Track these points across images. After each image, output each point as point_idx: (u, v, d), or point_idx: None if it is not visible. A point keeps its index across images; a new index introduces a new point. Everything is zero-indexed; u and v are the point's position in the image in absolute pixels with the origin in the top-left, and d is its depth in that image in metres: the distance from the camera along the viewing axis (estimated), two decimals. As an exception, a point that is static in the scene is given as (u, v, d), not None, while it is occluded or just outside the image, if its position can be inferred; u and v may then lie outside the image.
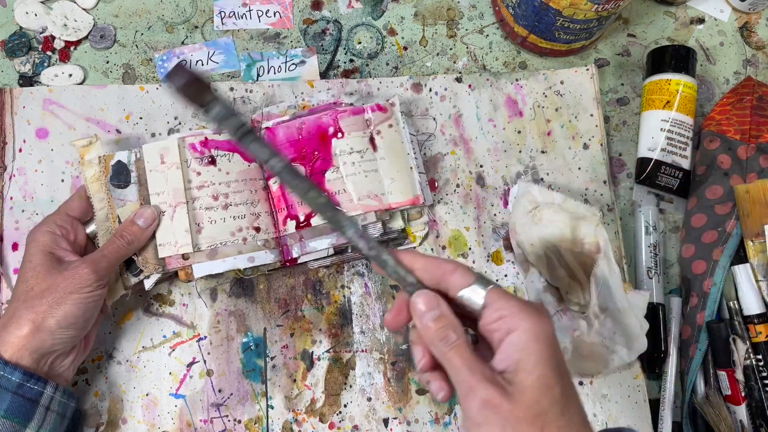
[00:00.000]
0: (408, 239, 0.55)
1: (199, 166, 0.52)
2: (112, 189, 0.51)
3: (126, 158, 0.51)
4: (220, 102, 0.35)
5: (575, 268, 0.54)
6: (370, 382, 0.54)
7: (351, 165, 0.53)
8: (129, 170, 0.51)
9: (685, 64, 0.58)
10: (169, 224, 0.50)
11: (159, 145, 0.51)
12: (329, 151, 0.54)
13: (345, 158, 0.53)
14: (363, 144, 0.54)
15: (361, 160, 0.53)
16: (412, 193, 0.54)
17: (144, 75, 0.59)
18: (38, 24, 0.59)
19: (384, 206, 0.53)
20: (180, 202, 0.50)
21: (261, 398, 0.53)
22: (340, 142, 0.53)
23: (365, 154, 0.54)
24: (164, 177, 0.51)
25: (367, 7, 0.62)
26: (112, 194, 0.51)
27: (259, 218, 0.52)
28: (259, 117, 0.56)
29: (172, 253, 0.50)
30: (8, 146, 0.56)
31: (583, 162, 0.59)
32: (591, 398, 0.54)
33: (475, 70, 0.61)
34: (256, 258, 0.52)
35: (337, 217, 0.37)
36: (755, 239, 0.52)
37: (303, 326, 0.54)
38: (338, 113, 0.54)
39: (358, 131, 0.54)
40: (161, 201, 0.51)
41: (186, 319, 0.54)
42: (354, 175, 0.53)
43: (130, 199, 0.51)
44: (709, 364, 0.53)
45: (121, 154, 0.51)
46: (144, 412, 0.52)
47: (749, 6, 0.63)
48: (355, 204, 0.53)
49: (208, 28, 0.60)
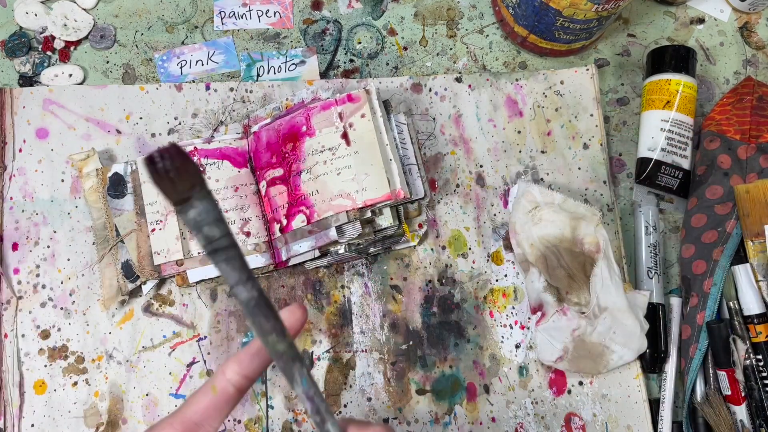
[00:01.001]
0: (405, 237, 0.55)
1: None
2: (109, 199, 0.53)
3: (123, 170, 0.54)
4: (205, 200, 0.28)
5: (575, 268, 0.54)
6: (370, 382, 0.54)
7: (323, 164, 0.52)
8: (126, 181, 0.53)
9: (685, 64, 0.58)
10: (161, 233, 0.52)
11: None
12: (302, 150, 0.53)
13: (317, 157, 0.52)
14: (334, 140, 0.52)
15: (332, 158, 0.52)
16: (388, 187, 0.51)
17: (144, 75, 0.59)
18: (38, 24, 0.59)
19: (356, 205, 0.51)
20: (171, 211, 0.52)
21: (261, 398, 0.53)
22: (312, 141, 0.52)
23: (337, 151, 0.52)
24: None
25: (367, 7, 0.62)
26: (109, 204, 0.53)
27: (249, 223, 0.53)
28: (249, 120, 0.56)
29: (165, 260, 0.52)
30: (8, 146, 0.56)
31: (583, 162, 0.59)
32: (591, 398, 0.54)
33: (475, 70, 0.61)
34: (249, 262, 0.51)
35: (291, 370, 0.32)
36: (755, 239, 0.52)
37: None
38: (309, 110, 0.53)
39: (329, 127, 0.52)
40: (154, 210, 0.53)
41: (186, 319, 0.54)
42: (325, 174, 0.52)
43: (126, 209, 0.53)
44: (709, 364, 0.53)
45: (117, 167, 0.54)
46: (144, 412, 0.52)
47: (749, 6, 0.63)
48: (327, 205, 0.51)
49: (208, 28, 0.60)
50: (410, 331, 0.55)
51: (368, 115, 0.52)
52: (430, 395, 0.54)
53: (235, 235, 0.52)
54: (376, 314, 0.55)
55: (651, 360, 0.54)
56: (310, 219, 0.52)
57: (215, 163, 0.54)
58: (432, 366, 0.54)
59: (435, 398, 0.54)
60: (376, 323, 0.55)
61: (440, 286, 0.56)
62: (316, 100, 0.55)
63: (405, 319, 0.55)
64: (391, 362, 0.54)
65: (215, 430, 0.35)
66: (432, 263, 0.56)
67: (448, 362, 0.54)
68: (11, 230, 0.54)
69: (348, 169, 0.52)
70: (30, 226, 0.55)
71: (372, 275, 0.56)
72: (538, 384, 0.54)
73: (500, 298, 0.56)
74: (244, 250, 0.52)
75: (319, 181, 0.52)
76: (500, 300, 0.56)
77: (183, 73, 0.59)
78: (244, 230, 0.53)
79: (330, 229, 0.52)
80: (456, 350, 0.55)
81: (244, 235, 0.53)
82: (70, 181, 0.56)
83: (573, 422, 0.54)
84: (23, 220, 0.55)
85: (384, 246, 0.55)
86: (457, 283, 0.56)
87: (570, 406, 0.54)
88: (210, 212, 0.29)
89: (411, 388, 0.54)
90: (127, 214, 0.53)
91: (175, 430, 0.34)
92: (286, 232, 0.53)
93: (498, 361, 0.55)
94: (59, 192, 0.55)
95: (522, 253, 0.55)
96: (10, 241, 0.54)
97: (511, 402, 0.54)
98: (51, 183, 0.55)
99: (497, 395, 0.54)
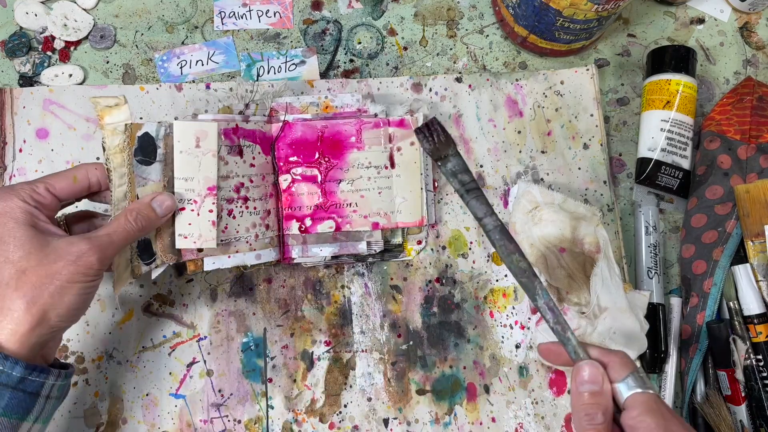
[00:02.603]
0: (404, 253, 0.56)
1: (227, 155, 0.47)
2: (135, 164, 0.43)
3: (154, 131, 0.45)
4: (458, 157, 0.42)
5: (575, 268, 0.54)
6: (370, 383, 0.54)
7: (366, 180, 0.53)
8: (156, 146, 0.44)
9: (685, 64, 0.58)
10: (192, 215, 0.46)
11: (194, 126, 0.45)
12: (346, 160, 0.52)
13: (362, 171, 0.52)
14: (382, 159, 0.53)
15: (377, 176, 0.53)
16: (420, 214, 0.54)
17: (144, 75, 0.59)
18: (38, 24, 0.59)
19: (391, 225, 0.53)
20: (210, 192, 0.46)
21: (261, 398, 0.53)
22: (360, 154, 0.52)
23: (382, 171, 0.53)
24: (197, 162, 0.45)
25: (367, 7, 0.62)
26: (134, 170, 0.44)
27: (269, 215, 0.52)
28: (277, 105, 0.54)
29: (192, 245, 0.46)
30: (8, 146, 0.56)
31: (583, 162, 0.59)
32: (591, 398, 0.54)
33: (475, 70, 0.61)
34: (263, 255, 0.51)
35: (533, 284, 0.39)
36: (755, 239, 0.52)
37: (303, 326, 0.54)
38: (362, 124, 0.53)
39: (379, 146, 0.53)
40: (188, 188, 0.46)
41: (186, 319, 0.54)
42: (368, 190, 0.53)
43: (153, 179, 0.44)
44: (709, 364, 0.53)
45: (149, 126, 0.44)
46: (144, 412, 0.52)
47: (749, 6, 0.63)
48: (363, 220, 0.53)
49: (208, 28, 0.60)
50: (410, 331, 0.55)
51: (417, 144, 0.53)
52: (431, 395, 0.54)
53: (259, 226, 0.51)
54: (376, 314, 0.55)
55: (651, 360, 0.54)
56: (339, 227, 0.52)
57: (251, 146, 0.50)
58: (432, 366, 0.54)
59: (435, 398, 0.54)
60: (376, 323, 0.55)
61: (440, 286, 0.56)
62: (362, 111, 0.54)
63: (405, 319, 0.55)
64: (391, 362, 0.54)
65: (56, 209, 0.43)
66: (432, 263, 0.56)
67: (448, 362, 0.54)
68: (11, 230, 0.54)
69: (388, 190, 0.53)
70: (30, 226, 0.55)
71: (372, 275, 0.56)
72: (539, 384, 0.54)
73: (500, 298, 0.56)
74: (262, 243, 0.51)
75: (359, 194, 0.52)
76: (500, 300, 0.56)
77: (183, 73, 0.59)
78: (266, 222, 0.51)
79: (361, 243, 0.53)
80: (456, 350, 0.55)
81: (265, 227, 0.51)
82: (70, 181, 0.56)
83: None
84: (23, 220, 0.55)
85: (382, 258, 0.55)
86: (457, 283, 0.56)
87: (570, 406, 0.54)
88: (462, 165, 0.42)
89: (411, 388, 0.54)
90: (152, 185, 0.44)
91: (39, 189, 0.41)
92: (308, 233, 0.53)
93: (498, 361, 0.55)
94: (59, 192, 0.55)
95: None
96: (10, 241, 0.54)
97: (512, 402, 0.54)
98: (51, 183, 0.55)
99: (497, 395, 0.54)
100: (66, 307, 0.39)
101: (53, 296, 0.38)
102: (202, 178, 0.46)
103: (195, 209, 0.46)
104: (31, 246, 0.38)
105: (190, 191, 0.46)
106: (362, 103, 0.54)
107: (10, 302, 0.38)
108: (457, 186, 0.41)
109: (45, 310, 0.38)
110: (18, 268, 0.38)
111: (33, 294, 0.38)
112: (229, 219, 0.49)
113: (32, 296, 0.38)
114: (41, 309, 0.38)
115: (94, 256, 0.39)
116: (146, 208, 0.43)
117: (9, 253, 0.38)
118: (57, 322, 0.39)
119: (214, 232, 0.47)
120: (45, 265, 0.38)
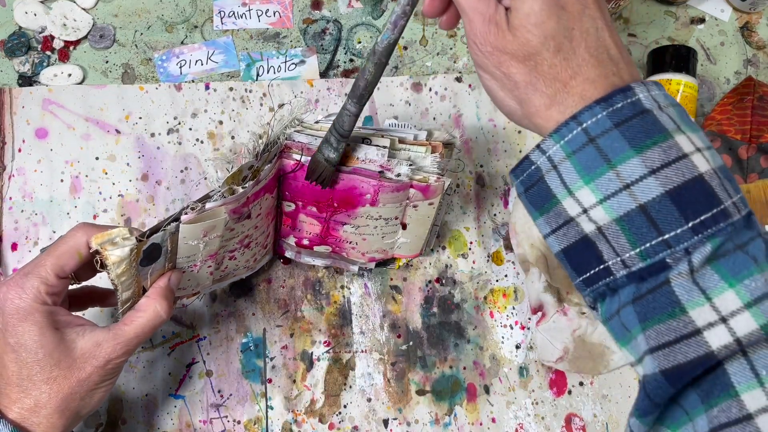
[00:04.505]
0: (393, 264, 0.55)
1: (235, 224, 0.45)
2: (140, 269, 0.42)
3: (160, 239, 0.42)
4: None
5: (575, 268, 0.53)
6: (370, 383, 0.54)
7: (372, 228, 0.50)
8: (161, 248, 0.42)
9: (686, 64, 0.58)
10: (191, 274, 0.46)
11: (204, 225, 0.43)
12: (356, 211, 0.49)
13: (369, 221, 0.49)
14: (393, 213, 0.49)
15: (384, 226, 0.50)
16: (419, 249, 0.53)
17: (143, 75, 0.59)
18: (37, 24, 0.59)
19: (387, 257, 0.53)
20: (211, 257, 0.46)
21: (260, 399, 0.53)
22: (372, 209, 0.49)
23: (391, 221, 0.50)
24: (202, 245, 0.44)
25: (367, 7, 0.62)
26: (139, 274, 0.42)
27: (268, 237, 0.51)
28: (292, 144, 0.47)
29: (190, 293, 0.49)
30: (7, 146, 0.56)
31: (584, 162, 0.59)
32: (591, 398, 0.54)
33: (476, 70, 0.61)
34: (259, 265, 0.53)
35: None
36: (756, 239, 0.52)
37: (302, 327, 0.54)
38: (382, 186, 0.47)
39: (394, 203, 0.49)
40: (191, 261, 0.45)
41: (185, 320, 0.54)
42: (371, 235, 0.50)
43: (157, 268, 0.43)
44: None
45: (155, 237, 0.41)
46: (143, 413, 0.52)
47: (750, 6, 0.63)
48: (362, 256, 0.52)
49: (207, 27, 0.60)
50: (410, 331, 0.55)
51: (435, 203, 0.49)
52: (430, 396, 0.54)
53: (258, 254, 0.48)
54: (376, 314, 0.55)
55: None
56: (335, 252, 0.52)
57: (259, 202, 0.46)
58: (432, 366, 0.54)
59: (435, 399, 0.54)
60: (375, 323, 0.55)
61: (440, 287, 0.56)
62: (385, 169, 0.47)
63: (405, 320, 0.55)
64: (391, 362, 0.54)
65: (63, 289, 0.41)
66: (432, 263, 0.56)
67: (448, 363, 0.54)
68: (10, 230, 0.54)
69: (392, 234, 0.51)
70: (29, 227, 0.54)
71: (372, 275, 0.55)
72: (539, 384, 0.54)
73: (500, 298, 0.56)
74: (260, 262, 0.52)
75: (361, 236, 0.50)
76: (500, 300, 0.56)
77: (182, 72, 0.59)
78: (265, 247, 0.52)
79: (354, 266, 0.54)
80: (456, 351, 0.55)
81: (262, 248, 0.51)
82: (69, 182, 0.56)
83: (573, 423, 0.53)
84: (22, 220, 0.55)
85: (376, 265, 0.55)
86: (457, 284, 0.56)
87: (570, 406, 0.54)
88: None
89: (411, 389, 0.54)
90: (156, 273, 0.43)
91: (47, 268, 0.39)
92: (303, 248, 0.52)
93: (498, 361, 0.54)
94: (58, 192, 0.55)
95: (522, 253, 0.55)
96: (9, 241, 0.54)
97: (512, 402, 0.54)
98: (50, 183, 0.55)
99: (497, 396, 0.54)
100: (96, 403, 0.41)
101: (84, 399, 0.40)
102: (205, 253, 0.45)
103: (195, 270, 0.46)
104: (60, 354, 0.39)
105: (192, 263, 0.45)
106: (386, 161, 0.47)
107: (44, 411, 0.39)
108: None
109: (76, 412, 0.40)
110: (49, 375, 0.39)
111: (66, 405, 0.39)
112: (229, 262, 0.48)
113: (65, 406, 0.39)
114: (74, 412, 0.40)
115: (123, 358, 0.40)
116: (171, 294, 0.43)
117: (38, 360, 0.38)
118: (86, 413, 0.41)
119: (210, 279, 0.48)
120: (74, 370, 0.39)
